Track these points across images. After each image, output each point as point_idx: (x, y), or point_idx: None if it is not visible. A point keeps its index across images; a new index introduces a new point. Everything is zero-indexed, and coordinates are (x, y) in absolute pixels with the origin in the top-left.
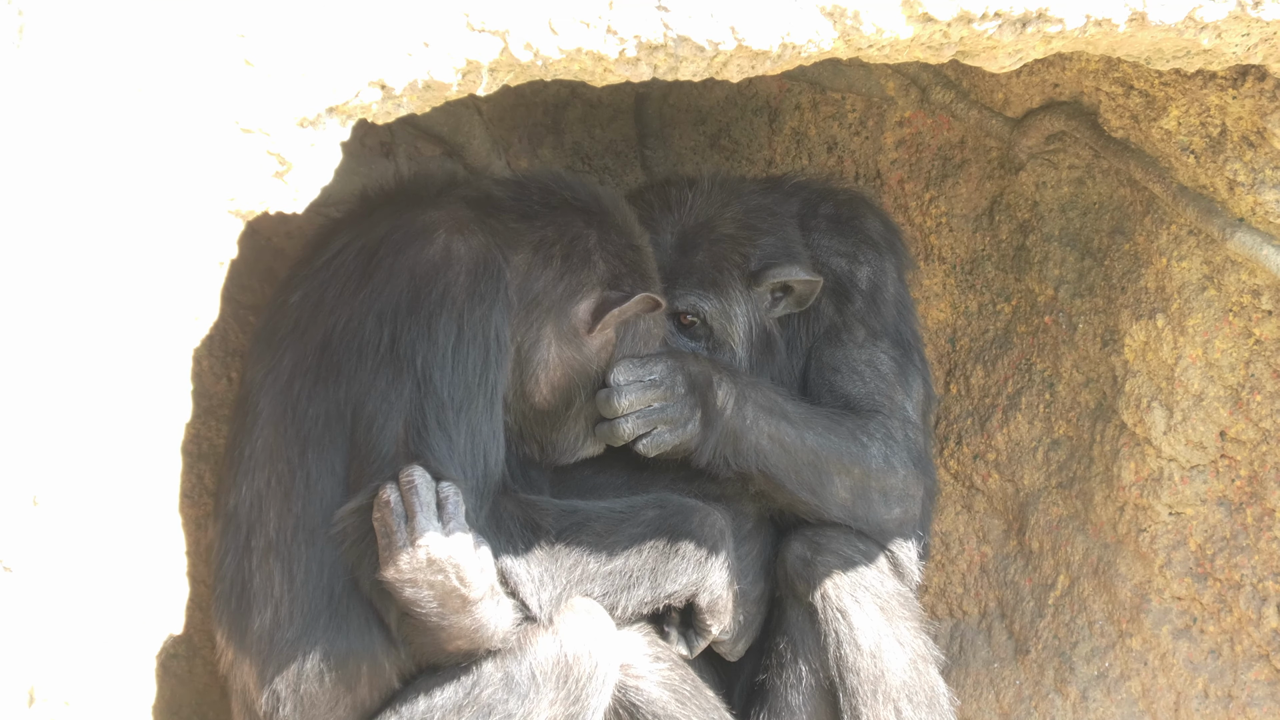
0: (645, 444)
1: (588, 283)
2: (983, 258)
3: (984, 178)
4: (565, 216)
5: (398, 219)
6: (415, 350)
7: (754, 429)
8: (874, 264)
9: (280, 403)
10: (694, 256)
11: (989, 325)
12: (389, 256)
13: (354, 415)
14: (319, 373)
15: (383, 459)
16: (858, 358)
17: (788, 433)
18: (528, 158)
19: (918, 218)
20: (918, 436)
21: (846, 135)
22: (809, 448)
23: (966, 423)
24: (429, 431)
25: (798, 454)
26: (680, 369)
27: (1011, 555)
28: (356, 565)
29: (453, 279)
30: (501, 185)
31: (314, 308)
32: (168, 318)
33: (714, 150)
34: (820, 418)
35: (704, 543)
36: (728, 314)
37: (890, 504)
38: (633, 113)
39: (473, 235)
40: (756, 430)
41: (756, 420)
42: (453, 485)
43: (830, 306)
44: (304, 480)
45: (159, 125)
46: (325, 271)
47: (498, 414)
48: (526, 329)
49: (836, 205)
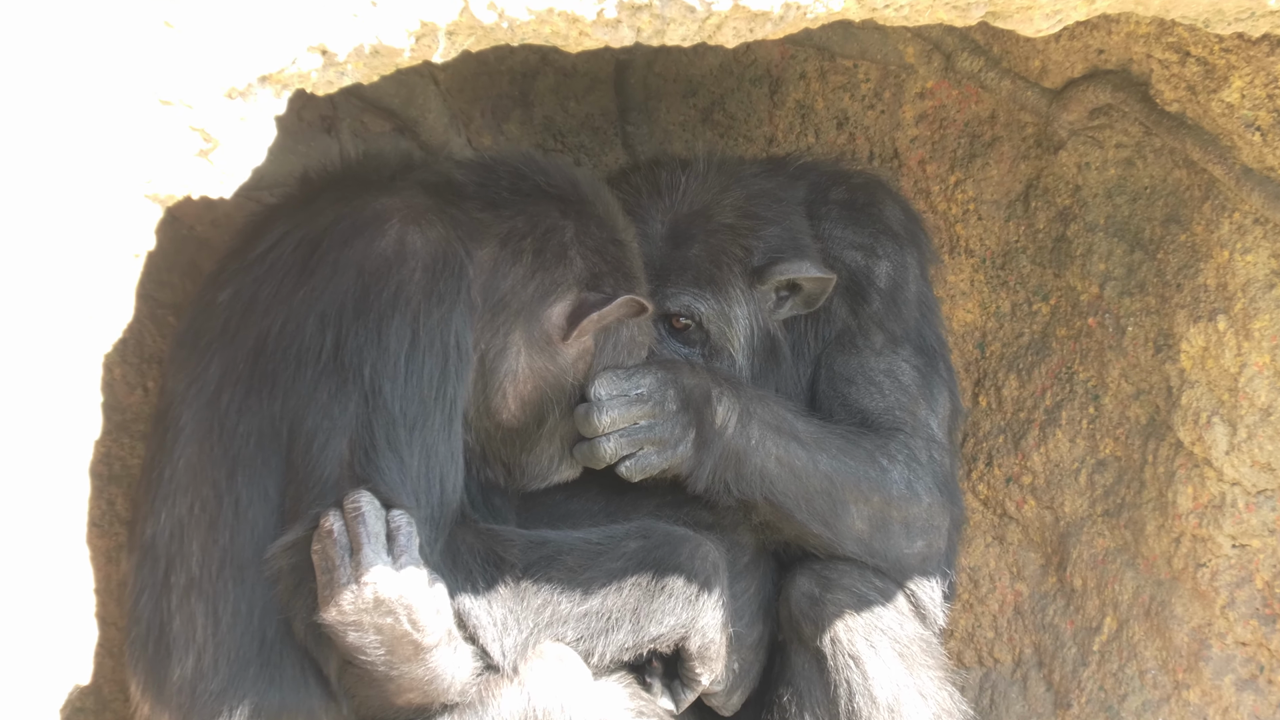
0: (629, 467)
1: (563, 282)
2: (1016, 250)
3: (1018, 158)
4: (537, 205)
5: (344, 206)
6: (363, 358)
7: (760, 451)
8: (893, 258)
9: (205, 417)
10: (688, 250)
11: (1024, 328)
12: (333, 249)
13: (291, 432)
14: (251, 383)
15: (324, 483)
16: (875, 367)
17: (798, 455)
18: (492, 135)
19: (941, 204)
20: (944, 458)
21: (859, 109)
22: (822, 472)
23: (998, 441)
24: (378, 452)
25: (809, 480)
26: (672, 381)
27: (1050, 594)
28: (292, 605)
29: (407, 276)
30: (464, 168)
31: (245, 308)
32: (73, 319)
33: (706, 126)
34: (834, 438)
35: (694, 578)
36: (726, 316)
37: (912, 536)
38: (613, 83)
39: (431, 226)
40: (763, 452)
41: (763, 441)
42: (405, 514)
43: (843, 307)
44: (232, 507)
45: (63, 97)
46: (259, 266)
47: (457, 432)
48: (492, 335)
49: (849, 190)
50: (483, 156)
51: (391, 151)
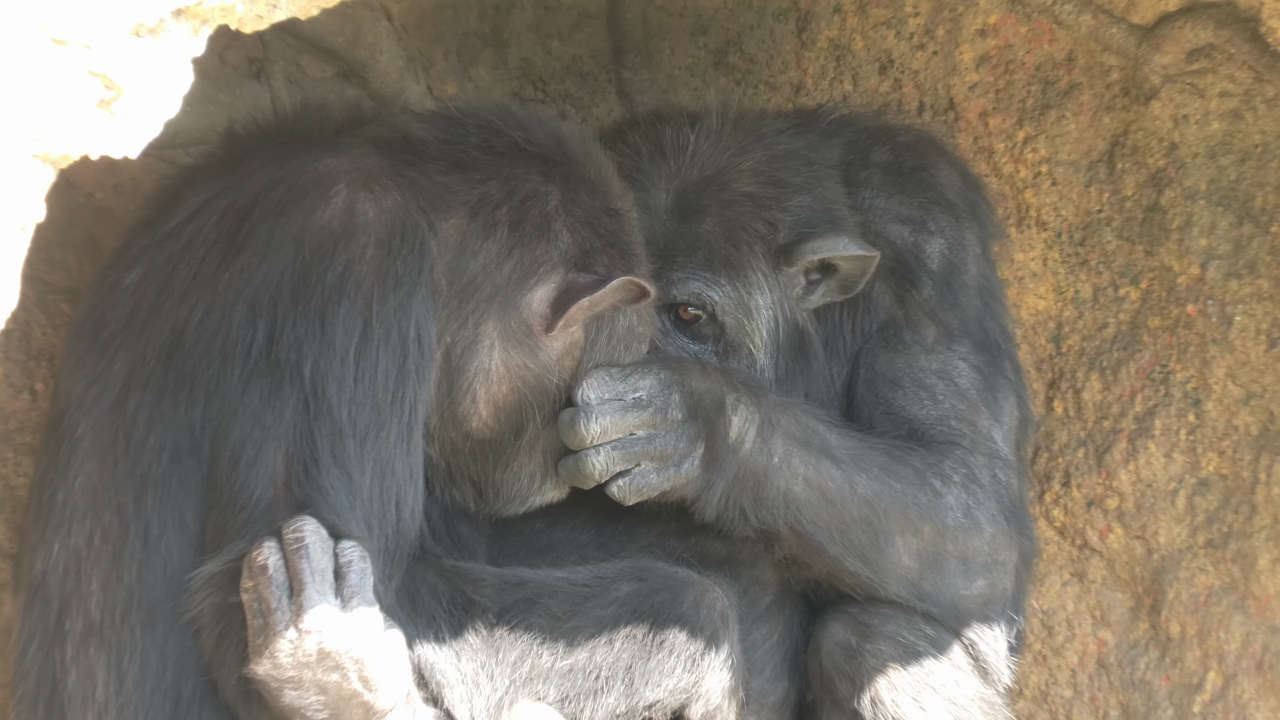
0: (622, 487)
1: (546, 261)
2: (1099, 222)
3: (1101, 109)
4: (515, 167)
5: (278, 168)
6: (302, 354)
7: (784, 470)
8: (949, 234)
9: (109, 427)
10: (699, 224)
11: (1108, 318)
12: (266, 221)
13: (214, 445)
14: (164, 385)
15: (255, 506)
16: (926, 367)
17: (831, 476)
18: (457, 81)
19: (1007, 166)
20: (1010, 478)
21: (907, 50)
22: (861, 497)
23: (1077, 455)
24: (321, 468)
25: (846, 506)
26: (678, 384)
27: (1141, 643)
28: (216, 657)
29: (356, 254)
30: (425, 122)
31: (158, 293)
32: None
33: (720, 71)
34: (876, 454)
35: (699, 631)
36: (745, 305)
37: (971, 574)
38: (605, 18)
39: (385, 192)
40: (788, 472)
41: (788, 458)
42: (357, 546)
43: (887, 294)
44: (141, 537)
45: None
46: (174, 242)
47: (417, 444)
48: (460, 325)
49: (895, 150)
50: (447, 108)
51: (336, 102)
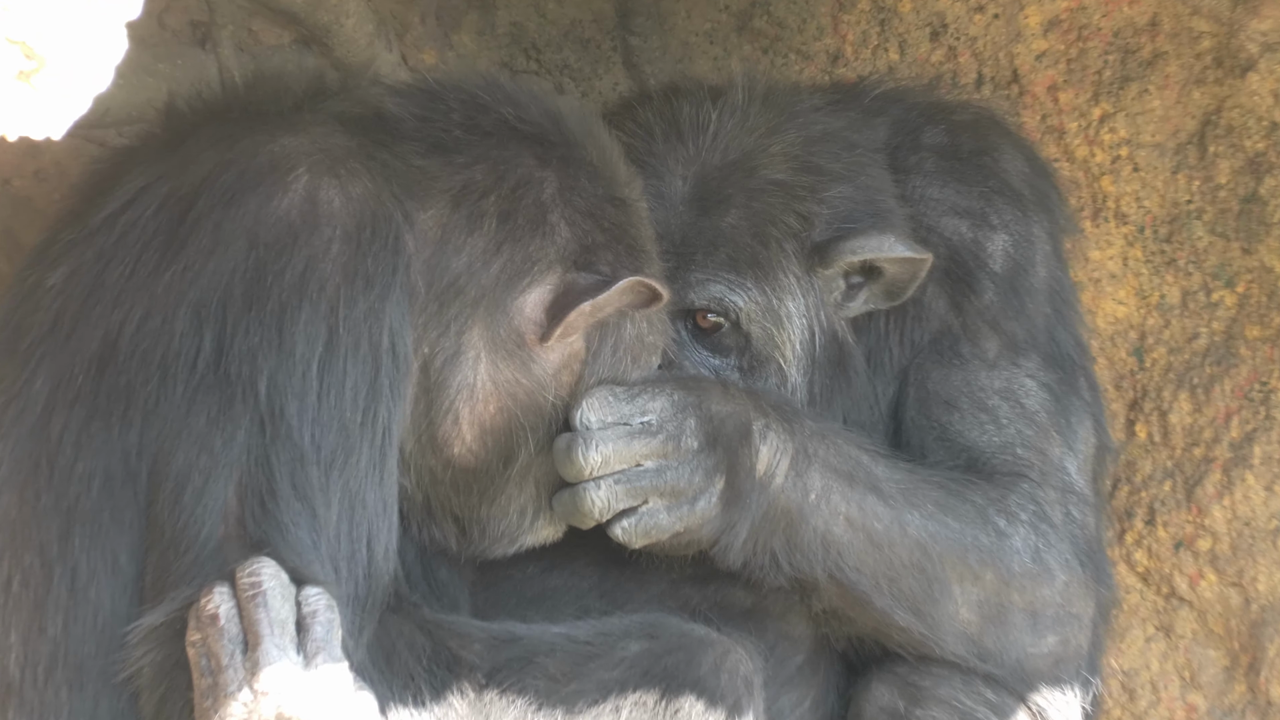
0: (627, 528)
1: (541, 259)
2: (1189, 215)
3: (1190, 83)
4: (504, 149)
5: (227, 150)
6: (257, 366)
7: (823, 508)
8: (1014, 229)
9: (29, 453)
10: (721, 217)
11: (1200, 327)
12: (214, 211)
13: (154, 473)
14: (94, 403)
15: (203, 547)
16: (988, 385)
17: (878, 514)
18: (437, 50)
19: (1081, 149)
20: (1086, 516)
21: (963, 13)
22: (913, 539)
23: (1163, 488)
24: (280, 501)
25: (895, 549)
26: (694, 407)
27: (1238, 708)
28: None
29: (320, 249)
30: (399, 97)
31: (86, 296)
32: None
33: (743, 38)
34: (930, 487)
35: (720, 700)
36: (775, 313)
37: (1040, 629)
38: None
39: (353, 178)
40: (827, 510)
41: (827, 494)
42: (323, 593)
43: (942, 299)
44: (67, 581)
45: None
46: (105, 236)
47: (391, 472)
48: (440, 333)
49: (951, 131)
50: (425, 81)
51: (294, 72)
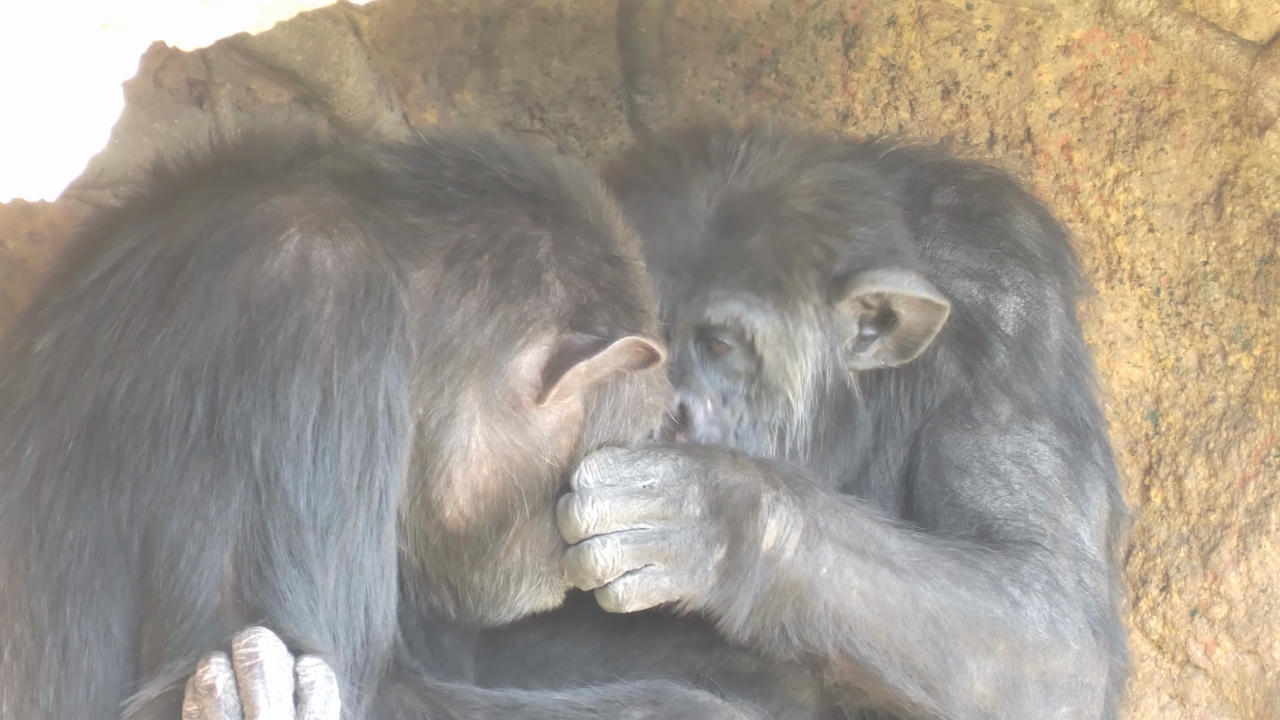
0: (626, 588)
1: (536, 319)
2: (1206, 277)
3: (1207, 142)
4: (499, 207)
5: (218, 209)
6: (251, 431)
7: (834, 583)
8: (1026, 291)
9: (19, 521)
10: (746, 239)
11: (1216, 390)
12: (204, 272)
13: (147, 541)
14: (85, 469)
15: (198, 615)
16: (1000, 450)
17: (891, 589)
18: (439, 108)
19: (1095, 210)
20: (1099, 583)
21: (975, 70)
22: (926, 612)
23: (1178, 555)
24: (277, 568)
25: (908, 624)
26: (699, 473)
27: None
28: None
29: (313, 310)
30: (393, 154)
31: (76, 360)
32: None
33: (751, 95)
34: (944, 558)
35: None
36: (790, 339)
37: (1054, 700)
38: (615, 33)
39: (346, 237)
40: (839, 585)
41: (840, 568)
42: (322, 662)
43: (953, 362)
44: (58, 652)
45: None
46: (95, 299)
47: (389, 537)
48: (434, 395)
49: (963, 192)
50: (419, 138)
51: (286, 130)
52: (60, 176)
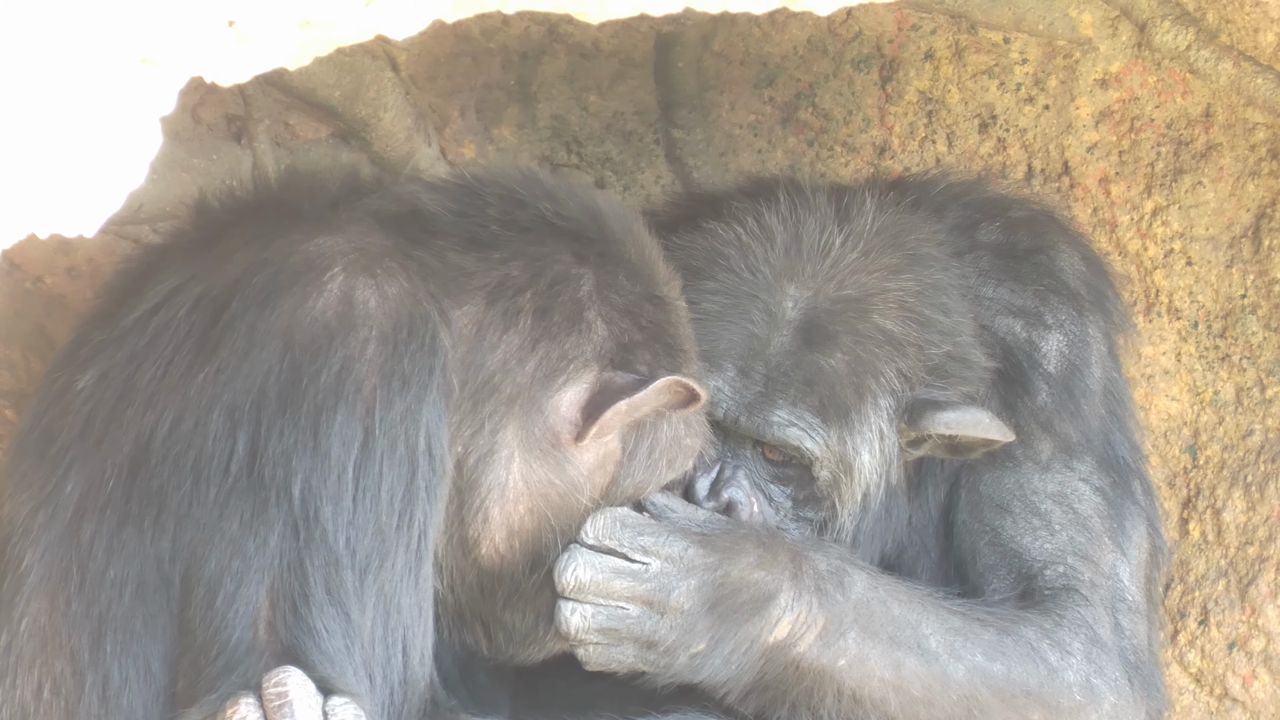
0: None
1: (577, 357)
2: (1244, 310)
3: (1246, 175)
4: (542, 245)
5: (261, 249)
6: (291, 469)
7: (854, 671)
8: (1069, 328)
9: (60, 559)
10: (826, 356)
11: (1255, 423)
12: (248, 312)
13: (186, 579)
14: (126, 508)
15: (233, 651)
16: (1041, 489)
17: (918, 674)
18: (476, 143)
19: (1133, 243)
20: (1137, 626)
21: (1013, 104)
22: (956, 692)
23: (1217, 588)
24: (313, 605)
25: (932, 705)
26: (707, 568)
27: None
28: None
29: (355, 351)
30: (436, 193)
31: (118, 399)
32: None
33: (788, 130)
34: (981, 629)
35: None
36: (848, 464)
37: None
38: (651, 67)
39: (389, 277)
40: (860, 673)
41: (862, 660)
42: (352, 703)
43: (995, 400)
44: (99, 689)
45: None
46: (137, 338)
47: (427, 577)
48: (474, 432)
49: (1007, 229)
50: (462, 176)
51: (329, 168)
52: (98, 212)
